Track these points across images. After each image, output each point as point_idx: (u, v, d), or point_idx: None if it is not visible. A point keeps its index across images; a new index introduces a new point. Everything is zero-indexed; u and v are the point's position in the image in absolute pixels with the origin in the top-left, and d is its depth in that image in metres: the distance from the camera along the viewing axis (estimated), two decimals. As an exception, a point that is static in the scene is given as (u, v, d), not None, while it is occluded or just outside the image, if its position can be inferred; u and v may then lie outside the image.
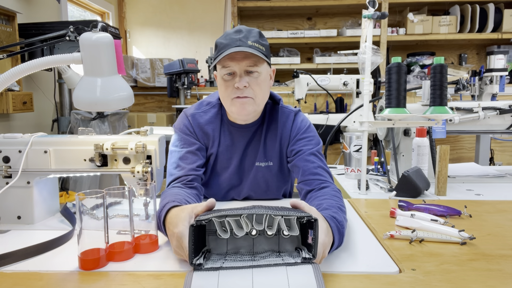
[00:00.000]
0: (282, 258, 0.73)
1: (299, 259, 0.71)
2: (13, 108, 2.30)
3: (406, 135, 1.54)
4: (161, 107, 3.84)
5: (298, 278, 0.66)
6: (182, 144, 1.19)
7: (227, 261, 0.73)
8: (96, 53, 0.92)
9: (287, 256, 0.74)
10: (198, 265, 0.69)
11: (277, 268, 0.69)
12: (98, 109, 0.96)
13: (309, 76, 2.90)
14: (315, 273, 0.67)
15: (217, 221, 0.75)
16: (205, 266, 0.69)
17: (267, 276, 0.66)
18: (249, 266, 0.69)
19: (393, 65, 1.28)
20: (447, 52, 4.39)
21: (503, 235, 0.94)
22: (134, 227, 0.87)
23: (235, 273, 0.68)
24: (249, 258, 0.75)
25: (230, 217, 0.73)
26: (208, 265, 0.70)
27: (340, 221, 0.85)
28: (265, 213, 0.72)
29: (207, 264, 0.70)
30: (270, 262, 0.71)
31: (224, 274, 0.67)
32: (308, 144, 1.18)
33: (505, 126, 1.55)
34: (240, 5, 4.02)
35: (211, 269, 0.69)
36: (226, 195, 1.28)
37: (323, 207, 0.91)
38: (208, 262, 0.72)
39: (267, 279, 0.66)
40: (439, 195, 1.36)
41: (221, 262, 0.72)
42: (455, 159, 3.66)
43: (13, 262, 0.79)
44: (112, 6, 4.29)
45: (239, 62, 1.07)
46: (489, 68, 1.77)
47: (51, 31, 1.25)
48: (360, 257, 0.82)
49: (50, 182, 1.10)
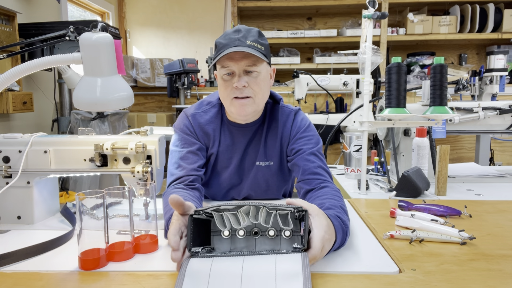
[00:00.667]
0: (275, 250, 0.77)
1: (291, 248, 0.75)
2: (13, 108, 2.30)
3: (406, 135, 1.54)
4: (161, 107, 3.84)
5: (286, 265, 0.69)
6: (182, 144, 1.19)
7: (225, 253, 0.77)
8: (96, 53, 0.92)
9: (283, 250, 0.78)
10: (195, 253, 0.73)
11: (267, 256, 0.73)
12: (98, 109, 0.96)
13: (309, 76, 2.90)
14: (303, 260, 0.70)
15: (216, 215, 0.77)
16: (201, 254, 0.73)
17: (257, 262, 0.71)
18: (241, 255, 0.74)
19: (393, 65, 1.28)
20: (447, 52, 4.39)
21: (503, 235, 0.94)
22: (134, 227, 0.87)
23: (227, 259, 0.72)
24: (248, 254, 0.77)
25: (227, 211, 0.77)
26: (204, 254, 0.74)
27: (344, 221, 0.85)
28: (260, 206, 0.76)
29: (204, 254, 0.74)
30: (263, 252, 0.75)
31: (217, 260, 0.72)
32: (308, 143, 1.18)
33: (505, 126, 1.55)
34: (240, 5, 4.02)
35: (206, 256, 0.73)
36: (226, 194, 1.28)
37: (326, 207, 0.91)
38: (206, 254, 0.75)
39: (256, 265, 0.70)
40: (439, 195, 1.36)
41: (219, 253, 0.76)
42: (455, 159, 3.66)
43: (13, 262, 0.79)
44: (112, 6, 4.29)
45: (238, 62, 1.07)
46: (489, 68, 1.77)
47: (51, 31, 1.25)
48: (360, 257, 0.82)
49: (50, 182, 1.10)
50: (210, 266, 0.70)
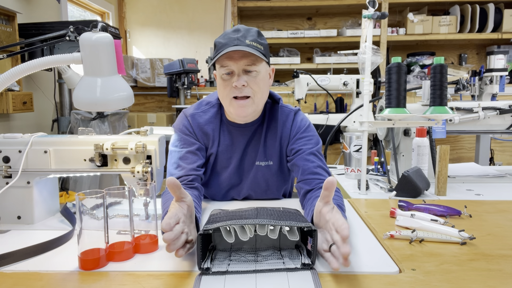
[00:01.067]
0: (283, 261, 0.78)
1: (299, 264, 0.76)
2: (13, 108, 2.30)
3: (406, 135, 1.54)
4: (161, 107, 3.84)
5: (298, 283, 0.70)
6: (182, 144, 1.19)
7: (232, 262, 0.78)
8: (96, 53, 0.92)
9: (287, 259, 0.79)
10: (206, 269, 0.73)
11: (278, 273, 0.74)
12: (98, 109, 0.96)
13: (309, 76, 2.90)
14: (313, 278, 0.72)
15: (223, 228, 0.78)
16: (212, 270, 0.74)
17: (270, 282, 0.71)
18: (253, 271, 0.74)
19: (393, 65, 1.28)
20: (447, 52, 4.39)
21: (503, 235, 0.94)
22: (134, 227, 0.87)
23: (240, 277, 0.73)
24: (252, 258, 0.79)
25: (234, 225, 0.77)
26: (215, 269, 0.74)
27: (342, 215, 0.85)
28: (268, 224, 0.76)
29: (214, 267, 0.75)
30: (272, 267, 0.75)
31: (230, 278, 0.72)
32: (307, 143, 1.18)
33: (505, 126, 1.55)
34: (240, 5, 4.02)
35: (218, 273, 0.73)
36: (226, 194, 1.28)
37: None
38: (214, 265, 0.76)
39: (269, 284, 0.70)
40: (439, 195, 1.36)
41: (227, 264, 0.77)
42: (455, 159, 3.66)
43: (13, 262, 0.79)
44: (112, 6, 4.29)
45: (237, 61, 1.07)
46: (489, 68, 1.77)
47: (51, 31, 1.25)
48: (360, 257, 0.82)
49: (50, 182, 1.10)
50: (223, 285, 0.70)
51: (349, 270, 0.76)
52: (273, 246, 0.85)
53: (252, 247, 0.84)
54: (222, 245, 0.84)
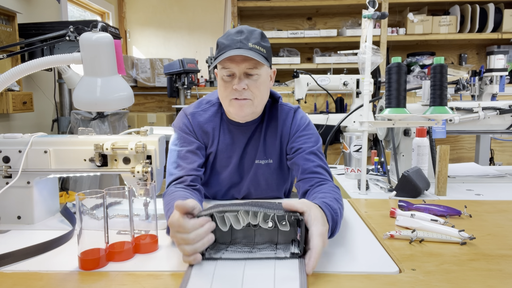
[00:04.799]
0: (275, 252, 0.81)
1: (289, 254, 0.79)
2: (13, 108, 2.30)
3: (406, 135, 1.54)
4: (161, 107, 3.84)
5: (284, 271, 0.73)
6: (181, 143, 1.19)
7: (228, 251, 0.81)
8: (96, 53, 0.92)
9: (281, 250, 0.81)
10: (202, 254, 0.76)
11: (267, 261, 0.78)
12: (98, 109, 0.96)
13: (309, 76, 2.89)
14: (300, 266, 0.74)
15: (218, 216, 0.81)
16: (206, 256, 0.78)
17: (257, 268, 0.75)
18: (243, 259, 0.78)
19: (393, 65, 1.28)
20: (447, 52, 4.39)
21: (503, 235, 0.94)
22: (134, 227, 0.87)
23: (229, 264, 0.77)
24: (248, 250, 0.82)
25: (228, 212, 0.80)
26: (209, 255, 0.78)
27: (335, 209, 0.86)
28: (259, 211, 0.79)
29: (209, 253, 0.79)
30: (263, 256, 0.79)
31: (220, 265, 0.76)
32: (307, 141, 1.18)
33: (505, 126, 1.55)
34: (240, 5, 4.02)
35: (210, 259, 0.78)
36: (227, 193, 1.28)
37: (319, 197, 0.92)
38: (211, 251, 0.80)
39: (256, 271, 0.74)
40: (439, 195, 1.36)
41: (222, 253, 0.80)
42: (455, 159, 3.66)
43: (13, 262, 0.79)
44: (112, 6, 4.29)
45: (239, 64, 1.07)
46: (489, 68, 1.77)
47: (51, 31, 1.25)
48: (360, 257, 0.82)
49: (50, 182, 1.10)
50: (214, 269, 0.74)
51: (349, 270, 0.76)
52: (270, 240, 0.87)
53: (251, 241, 0.87)
54: (222, 239, 0.87)
